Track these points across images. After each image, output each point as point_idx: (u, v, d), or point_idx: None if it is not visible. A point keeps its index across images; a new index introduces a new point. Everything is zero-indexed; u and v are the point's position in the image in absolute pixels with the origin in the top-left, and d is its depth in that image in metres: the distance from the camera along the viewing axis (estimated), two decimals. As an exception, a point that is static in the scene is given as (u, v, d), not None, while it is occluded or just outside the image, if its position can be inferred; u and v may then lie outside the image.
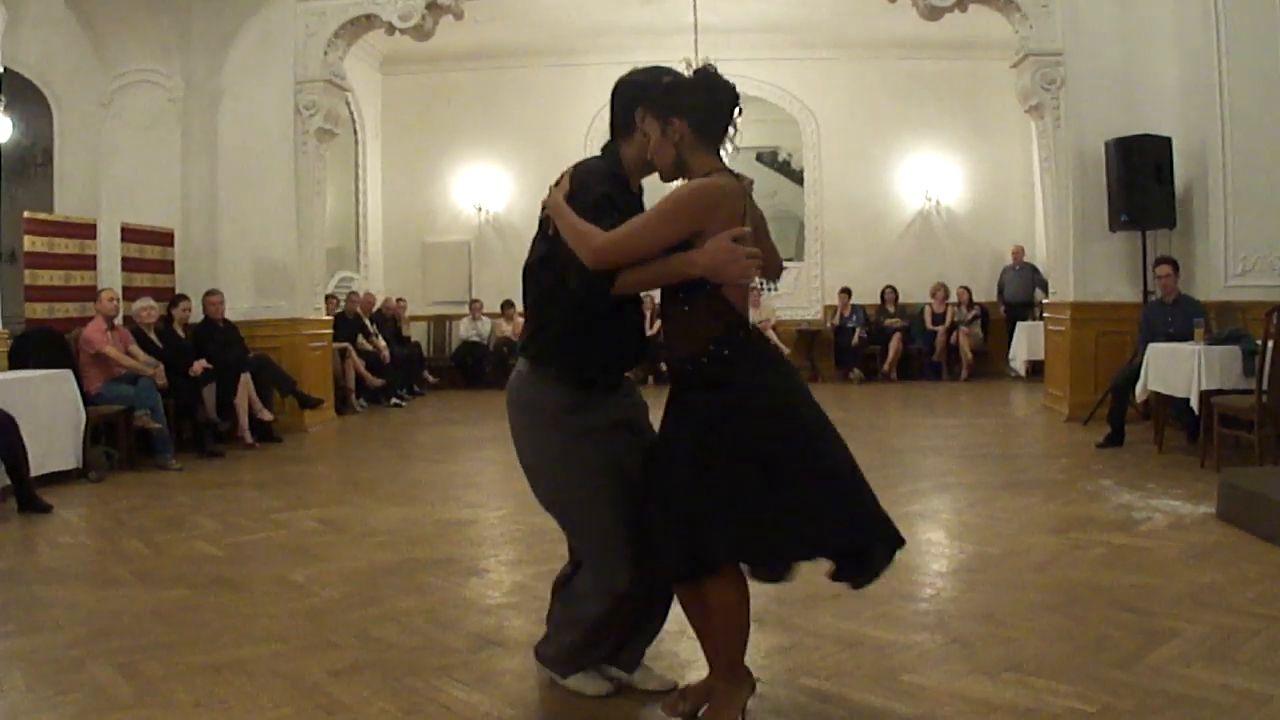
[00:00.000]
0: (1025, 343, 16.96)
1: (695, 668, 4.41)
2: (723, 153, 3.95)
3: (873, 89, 18.95)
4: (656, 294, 3.96)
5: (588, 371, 4.03)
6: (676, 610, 4.16)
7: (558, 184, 3.97)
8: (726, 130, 3.93)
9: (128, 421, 10.63)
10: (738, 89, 3.92)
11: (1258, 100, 11.10)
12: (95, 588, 6.42)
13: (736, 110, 3.91)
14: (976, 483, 8.92)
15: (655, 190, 3.88)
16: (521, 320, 4.48)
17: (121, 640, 5.19)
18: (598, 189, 3.87)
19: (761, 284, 4.02)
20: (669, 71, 4.02)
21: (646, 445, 4.09)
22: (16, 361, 10.28)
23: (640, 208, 3.98)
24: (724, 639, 3.84)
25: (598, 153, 4.17)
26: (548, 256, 3.94)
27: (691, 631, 4.15)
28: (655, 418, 4.10)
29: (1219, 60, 11.18)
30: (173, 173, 13.31)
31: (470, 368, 18.65)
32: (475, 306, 18.85)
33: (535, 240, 4.06)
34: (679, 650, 4.69)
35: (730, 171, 3.88)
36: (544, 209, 3.98)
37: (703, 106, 3.85)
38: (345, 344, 15.42)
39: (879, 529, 3.81)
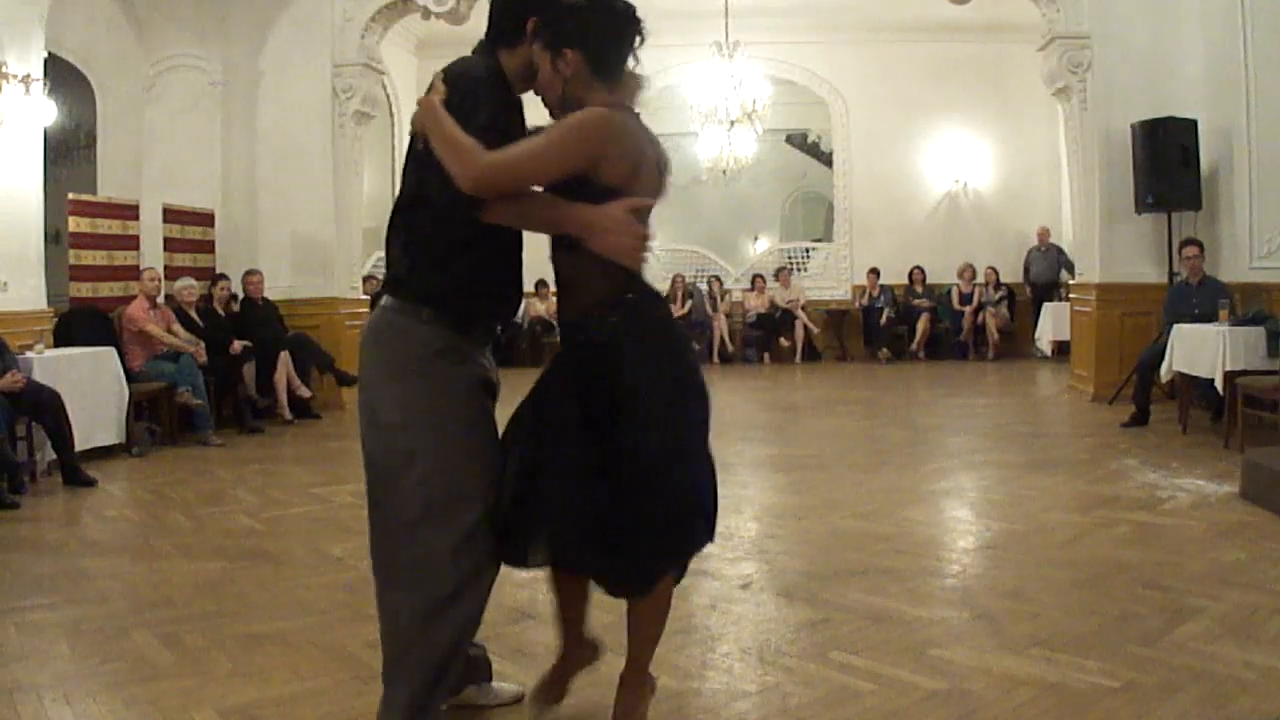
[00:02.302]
0: (1051, 323, 16.99)
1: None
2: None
3: (901, 72, 18.92)
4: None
5: (469, 312, 3.45)
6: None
7: (430, 90, 3.32)
8: (625, 63, 3.39)
9: (170, 398, 10.79)
10: (637, 12, 3.39)
11: (1284, 82, 11.11)
12: (138, 560, 6.54)
13: (638, 39, 3.39)
14: (1003, 461, 8.97)
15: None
16: (546, 295, 3.54)
17: (164, 611, 5.29)
18: (485, 103, 3.29)
19: (791, 265, 3.73)
20: None
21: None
22: (62, 339, 10.42)
23: (523, 126, 3.46)
24: (653, 631, 3.62)
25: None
26: (419, 186, 3.38)
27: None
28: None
29: (1245, 42, 11.13)
30: (213, 155, 13.40)
31: (504, 346, 18.73)
32: (509, 286, 18.83)
33: (405, 170, 3.48)
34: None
35: (631, 111, 3.40)
36: (413, 124, 3.39)
37: (601, 37, 3.34)
38: (381, 322, 15.45)
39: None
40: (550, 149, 3.21)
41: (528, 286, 12.59)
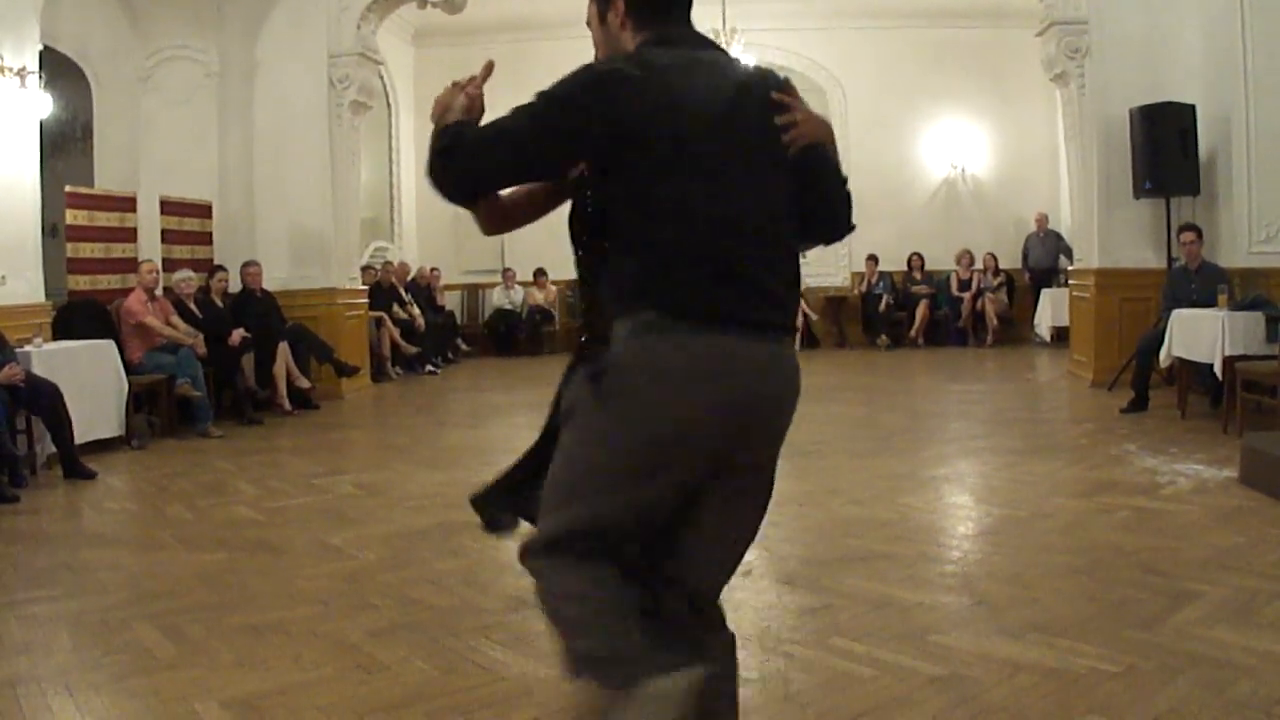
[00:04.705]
0: (1050, 309, 17.02)
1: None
2: None
3: (899, 58, 18.89)
4: None
5: None
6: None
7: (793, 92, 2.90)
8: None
9: (169, 390, 10.79)
10: None
11: (1282, 67, 11.12)
12: (139, 551, 6.57)
13: None
14: (1002, 447, 8.98)
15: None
16: (545, 285, 2.97)
17: (165, 602, 5.31)
18: None
19: None
20: None
21: None
22: (60, 332, 10.41)
23: None
24: None
25: None
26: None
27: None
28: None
29: (1242, 27, 11.14)
30: (210, 146, 13.42)
31: (503, 335, 18.75)
32: (508, 275, 18.89)
33: (776, 179, 2.82)
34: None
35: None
36: (792, 132, 2.83)
37: None
38: (380, 313, 15.54)
39: None
40: None
41: (526, 275, 12.51)
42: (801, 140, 2.81)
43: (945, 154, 19.29)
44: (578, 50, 3.34)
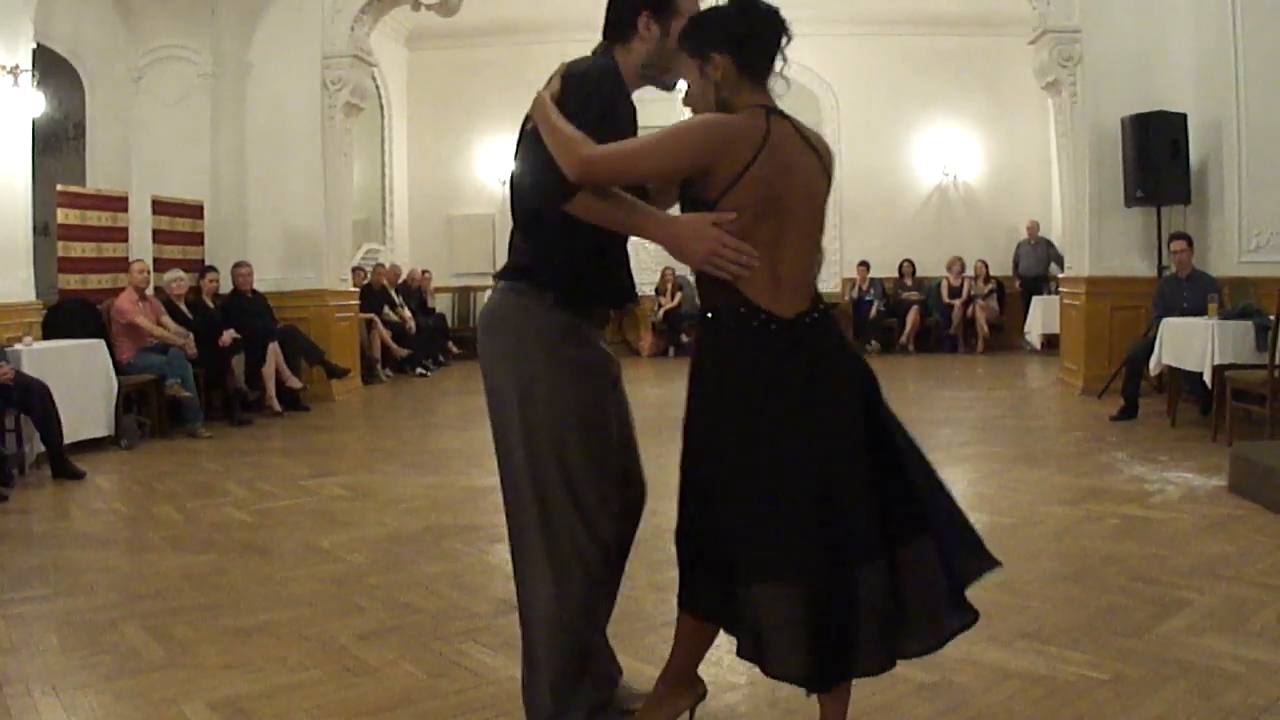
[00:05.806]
0: (1040, 316, 17.02)
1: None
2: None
3: (892, 65, 18.90)
4: None
5: (590, 297, 3.44)
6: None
7: (548, 83, 3.30)
8: (773, 61, 3.27)
9: (159, 390, 10.76)
10: (780, 13, 3.28)
11: (1273, 77, 11.10)
12: (127, 552, 6.56)
13: (784, 38, 3.27)
14: (992, 454, 8.98)
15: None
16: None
17: (153, 603, 5.30)
18: (599, 99, 3.26)
19: None
20: None
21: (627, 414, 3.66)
22: (50, 332, 10.40)
23: (635, 124, 3.39)
24: (700, 648, 3.54)
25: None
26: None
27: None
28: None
29: (1235, 37, 11.18)
30: (202, 146, 13.39)
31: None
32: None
33: (522, 150, 3.39)
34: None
35: (779, 112, 3.24)
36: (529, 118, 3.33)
37: (745, 37, 3.23)
38: (371, 315, 15.55)
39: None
40: (660, 146, 3.14)
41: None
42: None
43: (937, 161, 19.31)
44: (572, 53, 3.35)
